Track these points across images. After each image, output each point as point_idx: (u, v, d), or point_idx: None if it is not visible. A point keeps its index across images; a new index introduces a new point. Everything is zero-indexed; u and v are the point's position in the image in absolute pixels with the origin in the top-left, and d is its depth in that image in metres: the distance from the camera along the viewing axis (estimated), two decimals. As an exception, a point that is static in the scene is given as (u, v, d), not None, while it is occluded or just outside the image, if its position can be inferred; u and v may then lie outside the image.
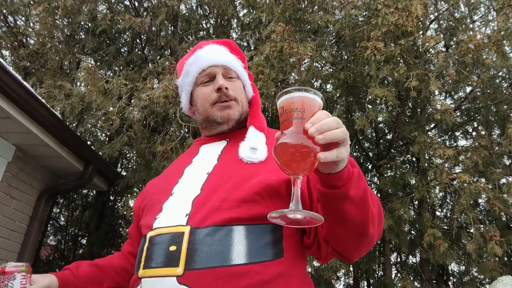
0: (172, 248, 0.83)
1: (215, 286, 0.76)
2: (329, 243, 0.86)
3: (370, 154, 7.00)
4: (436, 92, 4.79)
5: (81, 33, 6.92)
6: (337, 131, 0.66)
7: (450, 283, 7.60)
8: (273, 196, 0.89)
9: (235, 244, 0.81)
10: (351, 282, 8.41)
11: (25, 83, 3.32)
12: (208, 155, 1.06)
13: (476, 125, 6.63)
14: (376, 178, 7.23)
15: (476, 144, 4.72)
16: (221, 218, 0.83)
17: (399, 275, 7.27)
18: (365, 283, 8.62)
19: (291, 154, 0.66)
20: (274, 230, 0.86)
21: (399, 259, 7.95)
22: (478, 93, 5.72)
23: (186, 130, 4.55)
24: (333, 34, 5.42)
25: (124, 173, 5.96)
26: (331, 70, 5.43)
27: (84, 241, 8.26)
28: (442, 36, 5.60)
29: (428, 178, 4.73)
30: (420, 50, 4.91)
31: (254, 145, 1.00)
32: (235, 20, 6.48)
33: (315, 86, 5.97)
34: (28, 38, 6.72)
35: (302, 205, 0.70)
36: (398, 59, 4.75)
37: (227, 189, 0.90)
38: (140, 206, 1.09)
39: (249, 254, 0.80)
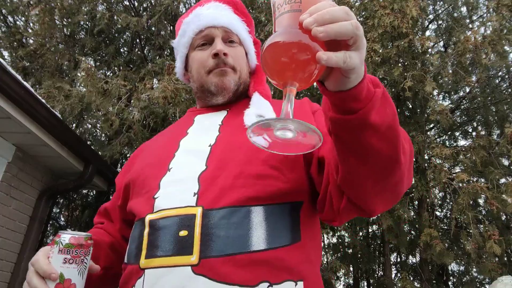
0: (183, 233, 0.72)
1: (236, 276, 0.67)
2: (345, 193, 0.70)
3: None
4: (435, 92, 4.80)
5: (81, 33, 6.92)
6: (344, 23, 0.47)
7: (450, 283, 7.60)
8: (293, 169, 0.80)
9: (254, 227, 0.71)
10: (351, 282, 8.42)
11: (25, 83, 3.33)
12: (207, 126, 0.93)
13: (475, 125, 6.64)
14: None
15: (476, 144, 4.73)
16: (237, 198, 0.73)
17: (399, 275, 7.28)
18: (365, 283, 8.63)
19: (283, 54, 0.49)
20: (292, 210, 0.77)
21: (399, 259, 7.95)
22: (477, 93, 5.73)
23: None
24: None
25: (124, 173, 5.94)
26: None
27: (84, 241, 8.26)
28: (440, 36, 5.61)
29: (427, 178, 4.73)
30: (417, 50, 4.91)
31: (261, 113, 0.87)
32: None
33: (314, 86, 5.96)
34: (27, 38, 6.73)
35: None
36: (396, 59, 4.75)
37: (238, 163, 0.79)
38: (124, 182, 0.94)
39: (269, 238, 0.71)
